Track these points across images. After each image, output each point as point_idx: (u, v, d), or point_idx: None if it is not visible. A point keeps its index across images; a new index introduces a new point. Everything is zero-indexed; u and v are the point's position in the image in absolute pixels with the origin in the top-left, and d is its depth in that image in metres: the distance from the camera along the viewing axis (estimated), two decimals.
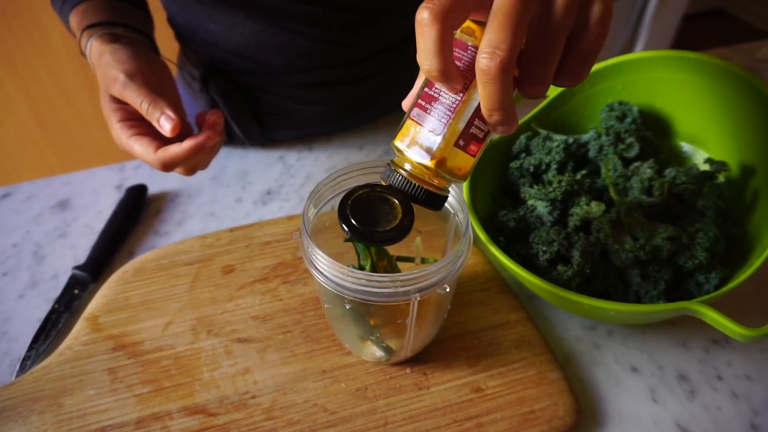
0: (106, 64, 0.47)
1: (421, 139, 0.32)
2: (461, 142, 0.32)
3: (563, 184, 0.46)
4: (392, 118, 0.72)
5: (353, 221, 0.33)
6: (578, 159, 0.53)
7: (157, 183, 0.63)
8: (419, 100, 0.32)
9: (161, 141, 0.47)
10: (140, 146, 0.47)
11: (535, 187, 0.49)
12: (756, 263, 0.40)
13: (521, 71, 0.30)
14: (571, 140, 0.52)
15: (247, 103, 0.65)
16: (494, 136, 0.53)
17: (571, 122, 0.56)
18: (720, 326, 0.37)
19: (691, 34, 2.29)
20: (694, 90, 0.51)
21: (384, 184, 0.34)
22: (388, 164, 0.34)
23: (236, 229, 0.55)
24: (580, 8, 0.29)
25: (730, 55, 0.86)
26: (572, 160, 0.52)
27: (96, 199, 0.62)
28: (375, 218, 0.33)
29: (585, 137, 0.53)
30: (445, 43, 0.28)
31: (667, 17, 1.82)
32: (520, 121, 0.54)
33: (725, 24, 2.66)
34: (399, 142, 0.33)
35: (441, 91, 0.31)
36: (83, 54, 0.52)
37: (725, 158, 0.50)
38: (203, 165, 0.52)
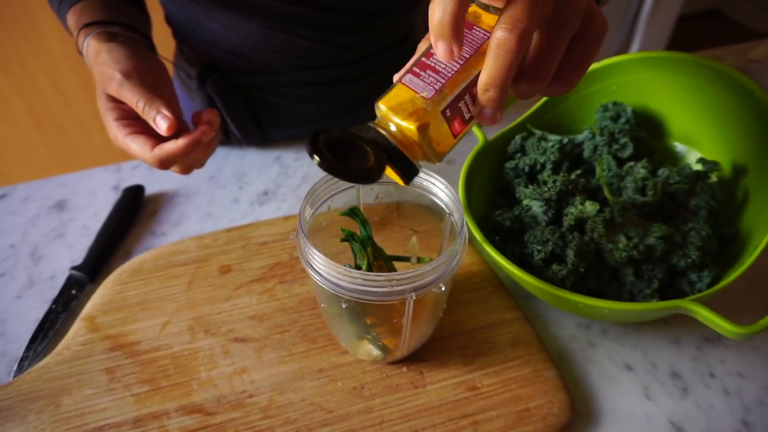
0: (102, 63, 0.47)
1: (409, 102, 0.31)
2: (448, 112, 0.31)
3: (558, 183, 0.46)
4: None
5: (325, 154, 0.30)
6: (573, 159, 0.53)
7: (155, 184, 0.63)
8: (414, 68, 0.32)
9: (157, 139, 0.47)
10: (137, 145, 0.47)
11: (530, 187, 0.49)
12: (747, 262, 0.40)
13: (526, 66, 0.30)
14: (565, 140, 0.53)
15: (244, 101, 0.66)
16: (485, 139, 0.54)
17: (566, 122, 0.57)
18: (712, 324, 0.37)
19: (687, 35, 2.30)
20: (686, 91, 0.52)
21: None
22: (368, 124, 0.32)
23: (233, 230, 0.55)
24: (584, 16, 0.30)
25: (724, 56, 0.87)
26: (567, 160, 0.52)
27: (93, 200, 0.62)
28: (346, 157, 0.31)
29: (580, 137, 0.54)
30: (462, 14, 0.28)
31: (662, 18, 1.83)
32: (516, 121, 0.55)
33: (720, 24, 2.67)
34: (383, 103, 0.32)
35: (438, 62, 0.31)
36: (80, 53, 0.52)
37: (717, 158, 0.51)
38: (200, 163, 0.52)
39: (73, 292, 0.51)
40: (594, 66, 0.54)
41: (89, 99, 1.47)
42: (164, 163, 0.47)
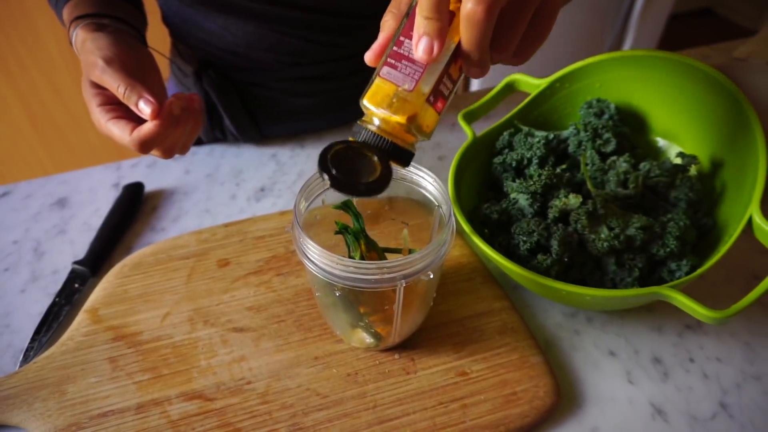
0: (87, 51, 0.48)
1: (393, 96, 0.32)
2: (431, 98, 0.33)
3: (543, 177, 0.48)
4: None
5: (335, 172, 0.33)
6: (558, 154, 0.55)
7: (154, 181, 0.65)
8: (388, 59, 0.33)
9: (138, 124, 0.47)
10: (117, 129, 0.47)
11: (517, 181, 0.51)
12: (722, 250, 0.42)
13: (492, 38, 0.32)
14: (551, 136, 0.54)
15: (239, 97, 0.67)
16: (473, 135, 0.55)
17: (552, 119, 0.58)
18: (688, 309, 0.39)
19: (679, 33, 2.33)
20: (667, 88, 0.54)
21: (352, 140, 0.34)
22: (357, 123, 0.34)
23: (231, 225, 0.57)
24: None
25: (710, 54, 0.89)
26: (553, 155, 0.54)
27: (93, 197, 0.63)
28: (355, 171, 0.33)
29: (565, 133, 0.56)
30: (446, 5, 0.31)
31: (654, 16, 1.85)
32: (504, 118, 0.56)
33: (712, 23, 2.70)
34: (368, 101, 0.33)
35: (411, 49, 0.32)
36: (72, 45, 0.53)
37: (697, 152, 0.53)
38: (181, 146, 0.52)
39: (76, 285, 0.53)
40: (579, 64, 0.56)
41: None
42: (144, 145, 0.47)
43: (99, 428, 0.41)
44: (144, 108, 0.46)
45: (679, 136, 0.55)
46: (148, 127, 0.46)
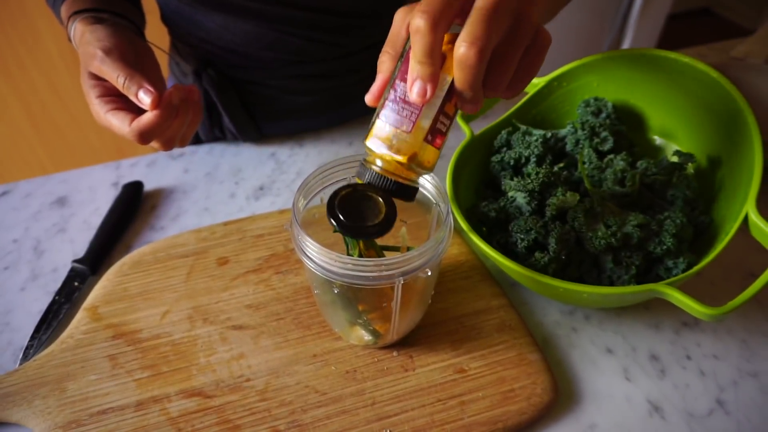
0: (85, 43, 0.48)
1: (393, 138, 0.35)
2: (429, 137, 0.35)
3: (540, 176, 0.49)
4: None
5: (342, 217, 0.36)
6: (556, 152, 0.55)
7: (153, 180, 0.65)
8: (387, 102, 0.35)
9: (137, 114, 0.47)
10: (117, 120, 0.47)
11: (515, 179, 0.51)
12: (718, 248, 0.43)
13: (485, 76, 0.33)
14: (549, 135, 0.55)
15: (238, 95, 0.68)
16: (471, 134, 0.56)
17: (550, 118, 0.59)
18: (684, 306, 0.39)
19: (677, 33, 2.34)
20: (665, 87, 0.54)
21: (359, 181, 0.37)
22: (361, 163, 0.37)
23: (230, 223, 0.57)
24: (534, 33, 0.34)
25: (707, 53, 0.89)
26: (550, 154, 0.54)
27: (93, 196, 0.64)
28: (362, 214, 0.36)
29: (562, 132, 0.56)
30: (438, 50, 0.32)
31: (652, 16, 1.85)
32: (502, 117, 0.57)
33: (711, 23, 2.71)
34: (371, 142, 0.36)
35: (406, 92, 0.34)
36: (70, 40, 0.53)
37: (693, 151, 0.53)
38: (180, 137, 0.51)
39: (76, 284, 0.53)
40: (577, 63, 0.56)
41: (86, 99, 1.48)
42: (143, 135, 0.47)
43: (99, 425, 0.42)
44: (144, 97, 0.46)
45: (676, 135, 0.55)
46: (147, 118, 0.46)
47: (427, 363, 0.46)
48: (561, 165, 0.53)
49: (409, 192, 0.37)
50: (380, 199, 0.37)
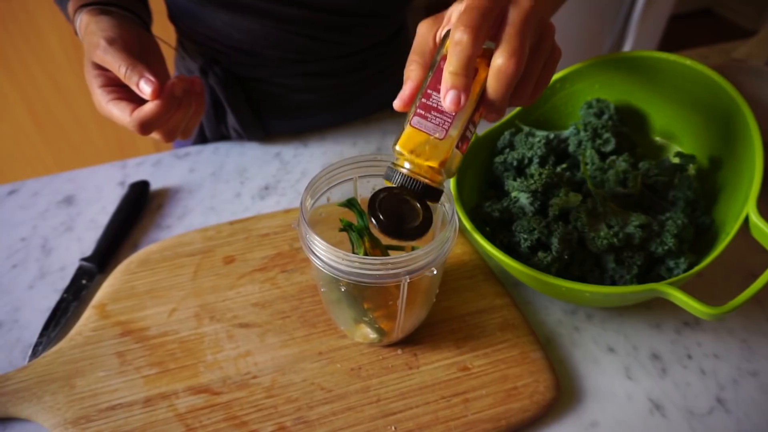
0: (90, 33, 0.48)
1: (425, 144, 0.36)
2: (459, 144, 0.37)
3: (543, 176, 0.49)
4: (382, 116, 0.76)
5: (383, 219, 0.37)
6: (559, 153, 0.56)
7: (159, 179, 0.66)
8: (418, 110, 0.37)
9: (139, 105, 0.47)
10: (118, 110, 0.47)
11: (518, 180, 0.52)
12: (719, 248, 0.43)
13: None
14: (552, 136, 0.55)
15: (244, 93, 0.68)
16: (475, 135, 0.56)
17: (552, 119, 0.59)
18: (685, 305, 0.40)
19: (679, 34, 2.34)
20: (666, 88, 0.55)
21: (387, 183, 0.38)
22: (389, 167, 0.38)
23: (236, 222, 0.58)
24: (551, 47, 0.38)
25: (709, 55, 0.90)
26: (553, 155, 0.55)
27: (100, 195, 0.64)
28: (401, 216, 0.37)
29: (565, 133, 0.57)
30: (474, 62, 0.34)
31: (654, 17, 1.86)
32: (505, 118, 0.57)
33: (712, 23, 2.71)
34: (401, 148, 0.37)
35: (439, 101, 0.36)
36: (76, 33, 0.53)
37: (695, 152, 0.54)
38: (182, 129, 0.51)
39: (84, 281, 0.54)
40: (579, 65, 0.57)
41: (89, 98, 1.47)
42: (144, 126, 0.47)
43: (108, 421, 0.42)
44: (144, 87, 0.46)
45: (677, 136, 0.56)
46: (148, 108, 0.46)
47: (431, 361, 0.46)
48: (564, 166, 0.53)
49: (438, 194, 0.38)
50: (417, 204, 0.38)
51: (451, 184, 0.50)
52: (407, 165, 0.37)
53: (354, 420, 0.42)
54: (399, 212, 0.37)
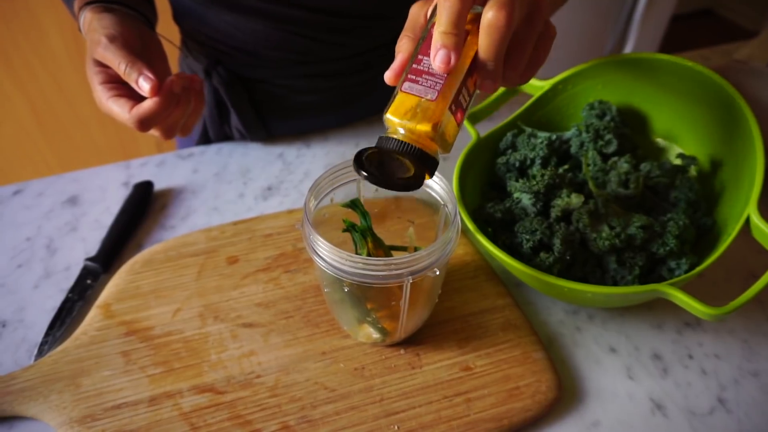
0: (92, 30, 0.49)
1: (417, 106, 0.34)
2: (453, 107, 0.35)
3: (546, 177, 0.49)
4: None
5: (370, 170, 0.34)
6: (561, 155, 0.56)
7: (163, 180, 0.66)
8: (409, 75, 0.35)
9: (139, 102, 0.47)
10: (117, 106, 0.48)
11: (520, 181, 0.52)
12: (720, 249, 0.43)
13: (506, 56, 0.35)
14: (554, 137, 0.56)
15: (247, 93, 0.69)
16: (477, 136, 0.56)
17: (554, 120, 0.60)
18: (686, 306, 0.40)
19: (680, 34, 2.34)
20: (668, 90, 0.55)
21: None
22: (380, 137, 0.36)
23: (239, 223, 0.58)
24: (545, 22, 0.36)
25: (710, 56, 0.90)
26: (555, 156, 0.55)
27: (104, 196, 0.64)
28: (391, 170, 0.35)
29: (567, 134, 0.57)
30: (464, 20, 0.33)
31: (656, 18, 1.86)
32: (508, 119, 0.58)
33: (713, 24, 2.71)
34: (392, 114, 0.35)
35: (429, 64, 0.35)
36: (80, 31, 0.53)
37: (697, 154, 0.54)
38: (181, 127, 0.51)
39: (88, 281, 0.54)
40: (581, 66, 0.57)
41: (91, 98, 1.47)
42: (143, 123, 0.47)
43: (113, 420, 0.43)
44: (143, 84, 0.46)
45: (679, 138, 0.56)
46: (147, 104, 0.47)
47: (433, 361, 0.47)
48: (566, 167, 0.54)
49: (433, 163, 0.35)
50: (407, 161, 0.35)
51: (453, 185, 0.50)
52: (401, 131, 0.35)
53: (357, 419, 0.43)
54: (388, 167, 0.35)
